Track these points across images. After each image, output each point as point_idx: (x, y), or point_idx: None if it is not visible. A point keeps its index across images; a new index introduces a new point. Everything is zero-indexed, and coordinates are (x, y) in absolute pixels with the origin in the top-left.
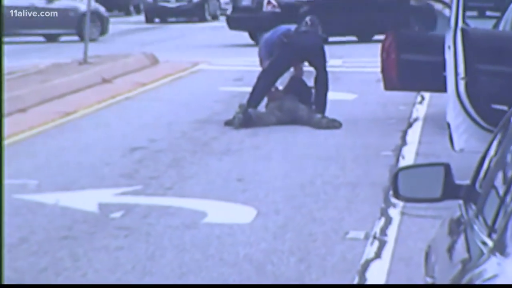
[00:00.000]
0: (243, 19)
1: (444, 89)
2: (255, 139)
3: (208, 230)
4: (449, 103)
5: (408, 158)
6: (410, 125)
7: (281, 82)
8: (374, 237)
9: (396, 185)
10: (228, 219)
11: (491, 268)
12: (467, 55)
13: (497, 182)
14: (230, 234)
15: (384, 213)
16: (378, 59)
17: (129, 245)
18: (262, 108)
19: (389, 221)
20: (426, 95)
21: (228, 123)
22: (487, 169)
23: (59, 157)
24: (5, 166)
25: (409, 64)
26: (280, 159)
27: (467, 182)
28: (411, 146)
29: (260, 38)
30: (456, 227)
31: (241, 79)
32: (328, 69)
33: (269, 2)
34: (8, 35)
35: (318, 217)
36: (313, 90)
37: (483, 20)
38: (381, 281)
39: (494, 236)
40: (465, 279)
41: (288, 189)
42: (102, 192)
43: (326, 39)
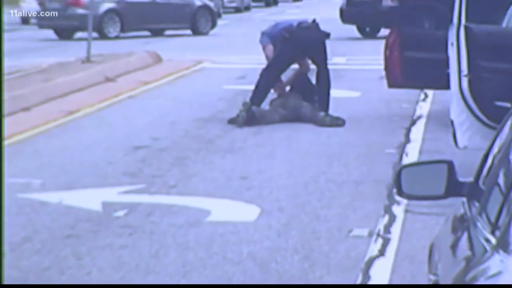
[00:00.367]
0: (358, 13)
1: (448, 87)
2: (259, 137)
3: (212, 228)
4: (453, 101)
5: (412, 156)
6: (414, 123)
7: (285, 75)
8: (378, 235)
9: (400, 183)
10: (232, 217)
11: (495, 265)
12: (470, 52)
13: (500, 180)
14: (234, 232)
15: (388, 211)
16: (382, 57)
17: (133, 244)
18: (266, 106)
19: (393, 219)
20: (430, 93)
21: (232, 121)
22: (491, 166)
23: (63, 156)
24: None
25: (413, 62)
26: (284, 157)
27: (471, 180)
28: (415, 144)
29: (261, 32)
30: (460, 225)
31: (244, 77)
32: (332, 67)
33: None
34: (130, 30)
35: (322, 215)
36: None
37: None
38: (385, 279)
39: (497, 233)
40: (469, 276)
41: (292, 187)
42: (106, 191)
43: (329, 35)
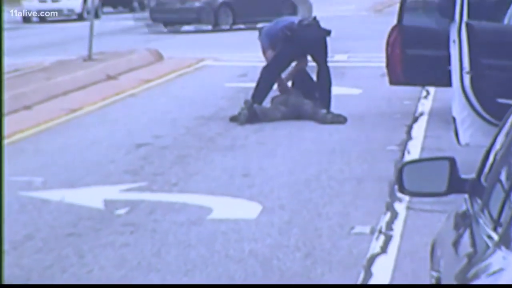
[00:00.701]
0: None
1: (449, 84)
2: (260, 135)
3: (214, 226)
4: (454, 98)
5: (414, 153)
6: (415, 120)
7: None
8: (380, 232)
9: (401, 180)
10: (234, 215)
11: (497, 262)
12: (472, 49)
13: (502, 176)
14: (236, 230)
15: (390, 208)
16: (383, 54)
17: (135, 242)
18: (267, 104)
19: (395, 216)
20: (431, 90)
21: (233, 119)
22: (492, 163)
23: (64, 154)
24: (11, 164)
25: (414, 59)
26: (286, 155)
27: (473, 176)
28: (416, 141)
29: (261, 30)
30: (462, 221)
31: (246, 75)
32: (334, 64)
33: None
34: (241, 23)
35: (324, 212)
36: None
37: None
38: (387, 276)
39: (500, 230)
40: (471, 273)
41: (294, 185)
42: (108, 189)
43: (330, 33)
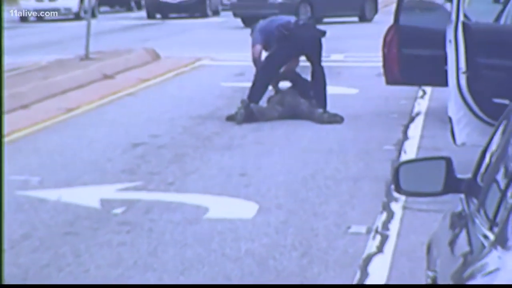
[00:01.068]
0: None
1: (446, 83)
2: (257, 134)
3: (210, 226)
4: (451, 97)
5: (410, 152)
6: (412, 120)
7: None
8: (376, 232)
9: (398, 179)
10: (230, 214)
11: (493, 262)
12: (469, 49)
13: (498, 176)
14: (232, 229)
15: (386, 207)
16: (380, 54)
17: (131, 241)
18: (264, 103)
19: (391, 215)
20: (428, 89)
21: (230, 118)
22: (489, 163)
23: (62, 153)
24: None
25: (411, 58)
26: (282, 154)
27: (469, 176)
28: (413, 140)
29: (254, 27)
30: (458, 221)
31: (243, 74)
32: (330, 64)
33: None
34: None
35: (320, 212)
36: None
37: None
38: (383, 276)
39: (496, 230)
40: (467, 273)
41: (290, 184)
42: (104, 188)
43: (325, 33)
